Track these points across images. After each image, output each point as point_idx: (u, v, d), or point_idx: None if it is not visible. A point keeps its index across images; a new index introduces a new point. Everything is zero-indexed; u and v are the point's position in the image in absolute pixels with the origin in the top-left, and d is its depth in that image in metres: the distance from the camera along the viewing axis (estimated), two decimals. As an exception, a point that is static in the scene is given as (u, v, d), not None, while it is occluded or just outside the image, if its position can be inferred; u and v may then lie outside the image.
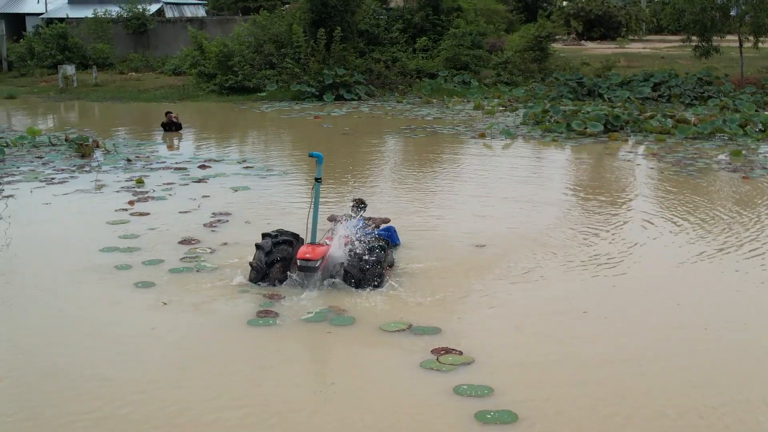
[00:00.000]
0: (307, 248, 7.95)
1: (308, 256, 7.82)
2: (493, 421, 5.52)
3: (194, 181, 13.71)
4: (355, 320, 7.26)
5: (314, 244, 8.06)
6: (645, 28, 50.98)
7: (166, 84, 30.77)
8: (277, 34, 29.35)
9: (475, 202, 12.17)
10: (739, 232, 10.28)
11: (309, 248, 7.94)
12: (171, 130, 20.02)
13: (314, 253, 7.85)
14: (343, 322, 7.22)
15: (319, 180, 7.98)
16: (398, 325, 7.13)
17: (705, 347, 6.85)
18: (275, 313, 7.41)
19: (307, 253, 7.86)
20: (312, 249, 7.93)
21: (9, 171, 14.58)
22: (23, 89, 31.00)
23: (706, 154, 16.34)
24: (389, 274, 8.30)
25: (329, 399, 5.91)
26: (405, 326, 7.10)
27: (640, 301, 7.92)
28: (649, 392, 5.95)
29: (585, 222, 10.98)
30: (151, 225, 10.67)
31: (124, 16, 37.93)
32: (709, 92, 25.84)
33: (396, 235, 9.50)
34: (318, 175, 7.95)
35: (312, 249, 7.93)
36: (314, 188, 8.02)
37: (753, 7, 27.33)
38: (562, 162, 16.41)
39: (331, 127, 20.98)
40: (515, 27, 41.99)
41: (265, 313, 7.39)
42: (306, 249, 7.93)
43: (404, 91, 28.40)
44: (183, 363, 6.48)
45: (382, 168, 15.70)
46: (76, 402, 5.84)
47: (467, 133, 19.48)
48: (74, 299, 8.01)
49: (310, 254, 7.83)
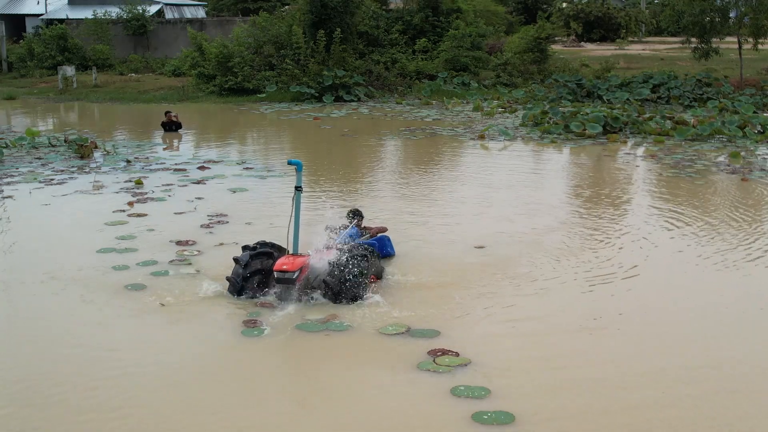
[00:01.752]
0: (285, 259, 7.62)
1: (285, 267, 7.49)
2: (490, 421, 5.53)
3: (193, 183, 13.72)
4: (351, 326, 7.21)
5: (294, 255, 7.75)
6: (644, 30, 51.09)
7: (165, 85, 30.78)
8: (276, 36, 29.37)
9: (474, 203, 12.17)
10: (739, 234, 10.29)
11: (287, 259, 7.62)
12: (171, 130, 20.04)
13: (292, 265, 7.52)
14: (339, 327, 7.16)
15: (300, 188, 7.71)
16: (397, 328, 7.10)
17: (705, 347, 6.86)
18: (260, 322, 7.28)
19: (284, 264, 7.53)
20: (290, 260, 7.60)
21: (8, 172, 14.59)
22: (23, 90, 31.00)
23: (705, 155, 16.35)
24: (376, 284, 8.04)
25: (328, 399, 5.92)
26: (404, 329, 7.09)
27: (638, 302, 7.92)
28: (648, 392, 5.96)
29: (582, 224, 10.99)
30: (148, 226, 10.67)
31: (123, 17, 37.95)
32: (709, 94, 25.87)
33: (390, 245, 9.18)
34: (298, 184, 7.69)
35: (290, 260, 7.60)
36: (294, 197, 7.72)
37: (752, 9, 27.37)
38: (561, 163, 16.42)
39: (331, 129, 20.99)
40: (515, 28, 42.05)
41: (253, 323, 7.25)
42: (284, 260, 7.60)
43: (403, 92, 28.42)
44: (164, 374, 6.47)
45: (381, 170, 15.70)
46: (39, 416, 5.68)
47: (466, 134, 19.50)
48: (52, 306, 7.89)
49: (288, 265, 7.50)
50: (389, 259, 9.04)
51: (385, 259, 8.93)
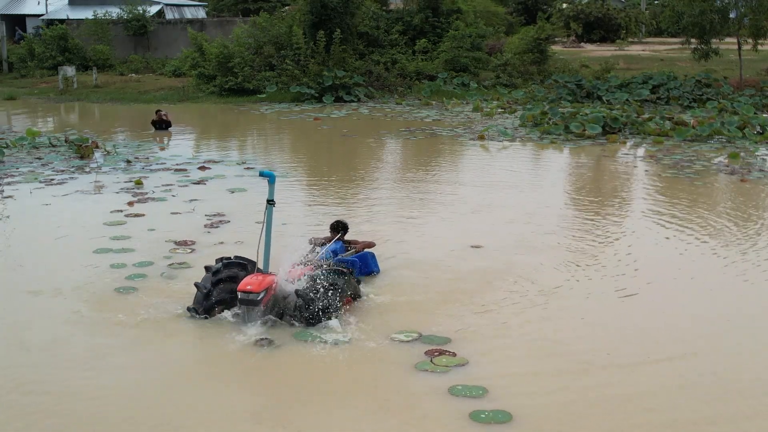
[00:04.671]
0: (250, 279, 7.03)
1: (249, 287, 6.92)
2: (488, 420, 5.56)
3: (194, 183, 13.75)
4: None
5: (262, 274, 7.21)
6: (644, 31, 51.09)
7: (166, 85, 30.80)
8: (276, 36, 29.40)
9: (474, 203, 12.19)
10: (738, 235, 10.31)
11: (253, 279, 7.03)
12: (161, 128, 20.41)
13: (257, 285, 6.94)
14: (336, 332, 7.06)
15: (272, 202, 7.18)
16: (409, 334, 6.96)
17: (704, 349, 6.88)
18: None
19: (248, 284, 6.96)
20: (256, 280, 7.02)
21: (9, 172, 14.62)
22: (23, 90, 31.03)
23: (704, 156, 16.37)
24: (350, 306, 7.50)
25: (327, 400, 5.95)
26: (416, 334, 6.96)
27: (637, 303, 7.94)
28: (646, 393, 5.99)
29: (581, 225, 11.01)
30: (147, 227, 10.70)
31: (124, 17, 37.97)
32: (708, 94, 25.89)
33: (374, 262, 8.55)
34: (270, 197, 7.16)
35: (256, 280, 7.02)
36: (266, 211, 7.20)
37: (752, 10, 27.41)
38: (560, 164, 16.45)
39: (331, 129, 21.02)
40: (515, 29, 42.06)
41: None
42: (249, 280, 7.02)
43: (403, 93, 28.45)
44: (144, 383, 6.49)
45: (380, 172, 15.72)
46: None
47: (466, 135, 19.52)
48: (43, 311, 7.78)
49: (252, 286, 6.93)
50: (373, 276, 8.45)
51: (369, 277, 8.39)
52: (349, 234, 8.90)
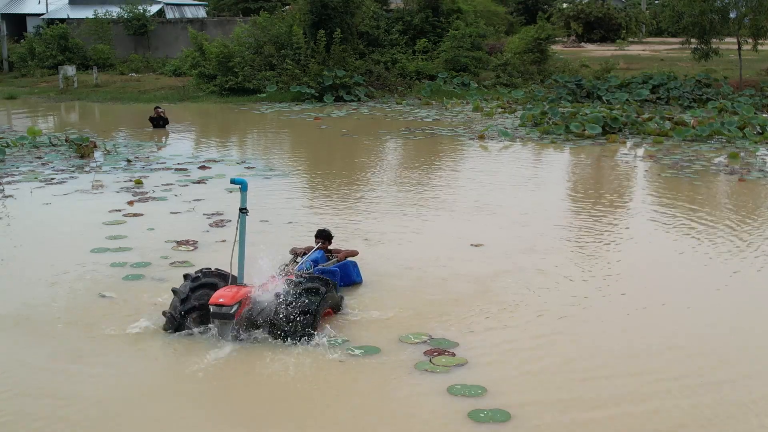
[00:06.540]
0: (223, 292, 6.79)
1: (221, 300, 6.66)
2: (487, 419, 5.58)
3: (194, 182, 13.76)
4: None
5: (237, 286, 6.93)
6: (644, 31, 51.12)
7: (166, 85, 30.82)
8: (277, 36, 29.42)
9: (473, 203, 12.21)
10: (738, 235, 10.33)
11: (225, 292, 6.78)
12: (159, 126, 20.63)
13: (229, 298, 6.69)
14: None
15: (244, 210, 6.92)
16: (419, 337, 6.93)
17: (703, 349, 6.90)
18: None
19: (221, 297, 6.70)
20: (229, 292, 6.77)
21: (9, 171, 14.64)
22: (24, 90, 31.06)
23: (704, 156, 16.39)
24: (331, 318, 7.25)
25: (326, 400, 5.97)
26: (426, 337, 6.93)
27: (637, 304, 7.94)
28: (644, 393, 6.01)
29: (580, 225, 11.03)
30: (146, 226, 10.71)
31: (124, 17, 37.99)
32: (708, 95, 25.91)
33: (356, 271, 8.25)
34: (242, 205, 6.90)
35: (229, 292, 6.77)
36: (239, 220, 6.94)
37: (752, 10, 27.41)
38: (560, 164, 16.46)
39: (331, 128, 21.03)
40: (515, 29, 42.10)
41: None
42: (221, 293, 6.77)
43: (403, 92, 28.47)
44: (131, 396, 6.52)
45: (380, 171, 15.72)
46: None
47: (466, 134, 19.54)
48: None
49: (225, 299, 6.68)
50: (357, 286, 8.22)
51: (354, 286, 8.18)
52: (335, 242, 8.66)
